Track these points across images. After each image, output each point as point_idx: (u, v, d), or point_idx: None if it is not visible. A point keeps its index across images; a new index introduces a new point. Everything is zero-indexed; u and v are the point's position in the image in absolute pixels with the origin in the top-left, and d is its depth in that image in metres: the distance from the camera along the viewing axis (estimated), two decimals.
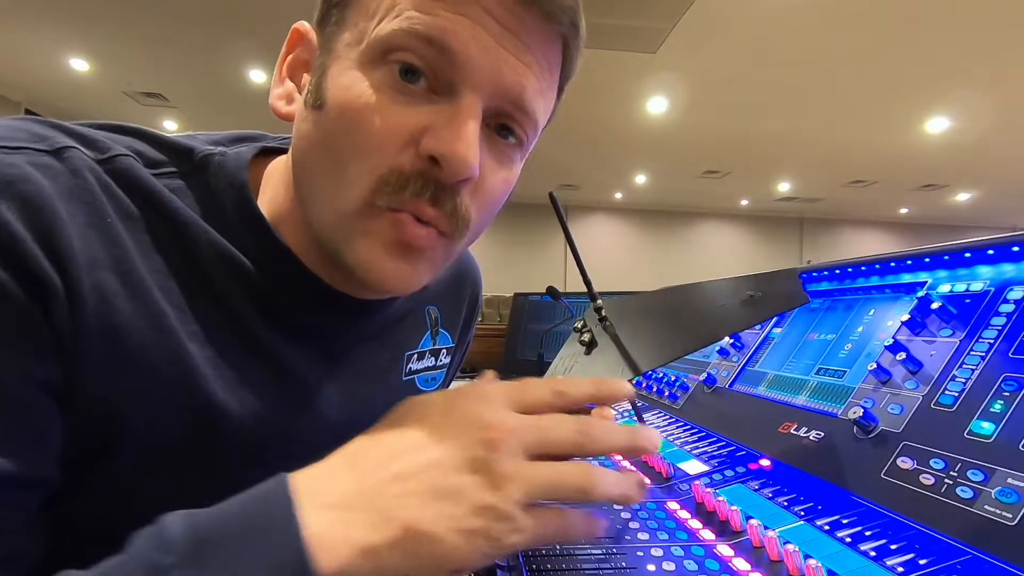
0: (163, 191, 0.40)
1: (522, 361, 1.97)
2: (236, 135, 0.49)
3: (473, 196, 0.40)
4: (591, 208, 10.06)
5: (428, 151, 0.36)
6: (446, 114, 0.36)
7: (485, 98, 0.37)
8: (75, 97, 5.98)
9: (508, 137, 0.41)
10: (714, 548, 0.48)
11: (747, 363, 0.85)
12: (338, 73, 0.38)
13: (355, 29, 0.38)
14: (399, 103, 0.36)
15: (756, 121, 6.02)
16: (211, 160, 0.44)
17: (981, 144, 6.36)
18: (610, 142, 6.67)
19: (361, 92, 0.36)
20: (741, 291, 0.52)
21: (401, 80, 0.36)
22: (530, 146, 0.43)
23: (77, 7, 4.18)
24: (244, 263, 0.42)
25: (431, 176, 0.37)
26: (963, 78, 4.85)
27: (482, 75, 0.36)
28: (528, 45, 0.38)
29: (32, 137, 0.36)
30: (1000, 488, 0.41)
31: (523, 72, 0.38)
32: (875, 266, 0.75)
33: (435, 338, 0.62)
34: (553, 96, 0.43)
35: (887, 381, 0.59)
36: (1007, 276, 0.57)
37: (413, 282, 0.42)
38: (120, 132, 0.43)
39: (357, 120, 0.36)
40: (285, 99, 0.43)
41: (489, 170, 0.40)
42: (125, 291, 0.36)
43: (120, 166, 0.39)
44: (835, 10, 3.91)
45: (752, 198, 9.57)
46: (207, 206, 0.42)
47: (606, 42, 4.28)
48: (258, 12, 4.16)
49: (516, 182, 0.45)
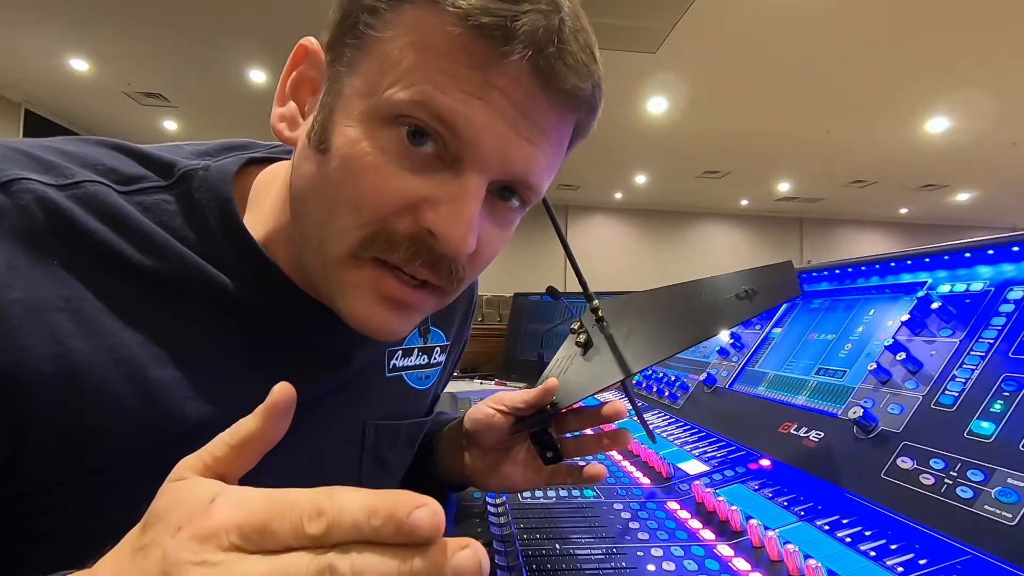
0: (132, 214, 0.39)
1: (522, 361, 1.97)
2: (224, 144, 0.48)
3: (470, 258, 0.40)
4: (591, 208, 10.07)
5: (427, 225, 0.36)
6: (449, 191, 0.36)
7: (491, 177, 0.37)
8: (75, 97, 5.98)
9: (511, 200, 0.41)
10: (714, 548, 0.48)
11: (747, 363, 0.85)
12: (346, 121, 0.37)
13: (366, 80, 0.36)
14: (402, 167, 0.36)
15: (756, 121, 6.03)
16: (194, 174, 0.43)
17: (981, 144, 6.37)
18: (610, 142, 6.67)
19: (367, 150, 0.36)
20: (736, 286, 0.52)
21: (408, 144, 0.36)
22: (532, 204, 0.43)
23: (77, 7, 4.18)
24: (222, 280, 0.42)
25: (426, 244, 0.37)
26: (963, 78, 4.85)
27: (490, 159, 0.36)
28: (542, 128, 0.37)
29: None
30: (1000, 488, 0.41)
31: (533, 155, 0.38)
32: (875, 266, 0.75)
33: (425, 336, 0.61)
34: (561, 162, 0.43)
35: (887, 381, 0.59)
36: (1007, 276, 0.57)
37: (401, 332, 0.42)
38: (99, 146, 0.42)
39: (359, 178, 0.36)
40: (288, 122, 0.42)
41: (488, 234, 0.40)
42: (79, 330, 0.36)
43: (85, 192, 0.38)
44: (835, 10, 3.92)
45: (752, 198, 9.57)
46: (190, 220, 0.42)
47: (606, 42, 4.28)
48: (258, 12, 4.17)
49: None
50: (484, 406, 0.58)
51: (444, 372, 0.67)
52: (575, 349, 0.57)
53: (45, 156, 0.38)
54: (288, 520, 0.20)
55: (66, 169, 0.38)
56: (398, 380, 0.58)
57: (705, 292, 0.55)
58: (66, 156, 0.39)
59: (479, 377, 2.01)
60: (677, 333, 0.51)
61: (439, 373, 0.65)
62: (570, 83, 0.36)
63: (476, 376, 2.03)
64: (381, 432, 0.55)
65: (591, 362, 0.54)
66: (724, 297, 0.52)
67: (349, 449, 0.53)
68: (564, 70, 0.36)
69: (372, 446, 0.55)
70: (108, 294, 0.38)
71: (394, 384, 0.58)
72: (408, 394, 0.60)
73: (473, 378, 2.00)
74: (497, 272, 7.69)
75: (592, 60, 0.38)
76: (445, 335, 0.64)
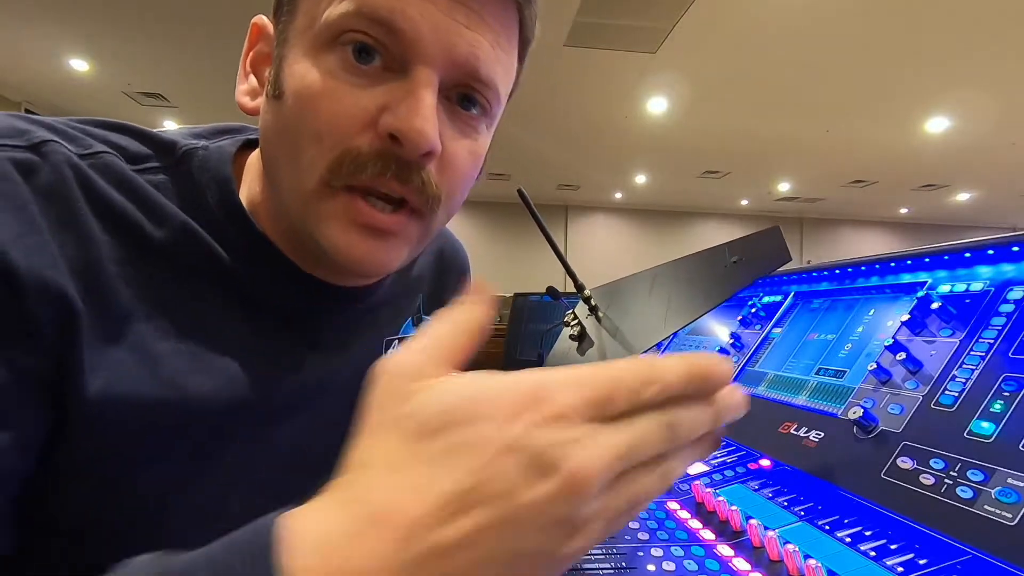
0: (145, 186, 0.40)
1: (522, 361, 1.97)
2: (217, 128, 0.49)
3: (440, 171, 0.40)
4: (591, 208, 10.06)
5: (386, 129, 0.36)
6: (401, 90, 0.36)
7: (440, 71, 0.37)
8: (75, 97, 5.98)
9: (471, 108, 0.41)
10: (714, 548, 0.48)
11: (747, 363, 0.85)
12: (293, 61, 0.38)
13: (306, 16, 0.38)
14: (354, 85, 0.36)
15: (756, 121, 6.02)
16: (194, 154, 0.44)
17: (981, 144, 6.36)
18: (610, 142, 6.67)
19: (315, 79, 0.37)
20: (725, 257, 0.51)
21: (354, 62, 0.36)
22: (496, 114, 0.43)
23: (77, 7, 4.18)
24: (223, 256, 0.42)
25: (392, 154, 0.37)
26: (963, 78, 4.85)
27: (433, 50, 0.36)
28: (480, 14, 0.38)
29: (11, 132, 0.37)
30: (1000, 488, 0.41)
31: (476, 42, 0.38)
32: (875, 266, 0.75)
33: (417, 325, 0.61)
34: (513, 62, 0.43)
35: (887, 381, 0.59)
36: (1007, 276, 0.57)
37: (387, 262, 0.41)
38: (105, 128, 0.43)
39: (313, 107, 0.37)
40: (250, 95, 0.44)
41: (452, 141, 0.40)
42: (89, 296, 0.36)
43: (103, 162, 0.39)
44: (835, 10, 3.91)
45: (752, 198, 9.56)
46: (190, 200, 0.43)
47: (606, 42, 4.28)
48: (258, 12, 4.16)
49: (486, 154, 0.45)
50: None
51: None
52: (570, 343, 0.57)
53: (63, 127, 0.40)
54: (624, 390, 0.22)
55: (84, 140, 0.40)
56: None
57: (694, 267, 0.54)
58: (79, 131, 0.41)
59: None
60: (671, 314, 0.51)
61: None
62: None
63: None
64: None
65: (586, 357, 0.54)
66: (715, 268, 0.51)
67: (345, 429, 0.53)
68: None
69: None
70: (123, 263, 0.38)
71: None
72: None
73: None
74: (497, 272, 7.69)
75: None
76: None
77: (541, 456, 0.20)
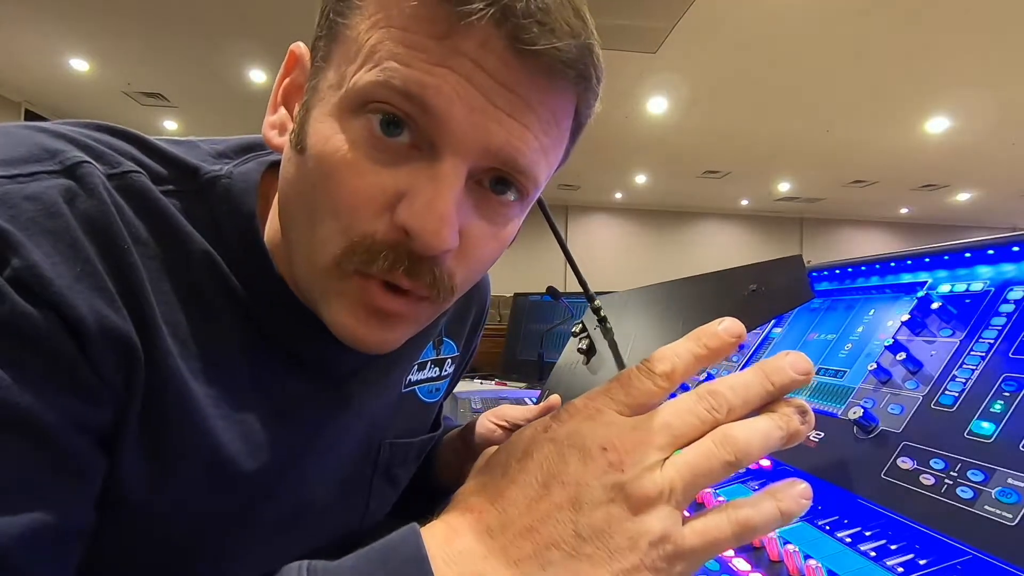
0: (175, 214, 0.38)
1: (522, 361, 1.97)
2: (242, 143, 0.46)
3: (459, 258, 0.36)
4: (591, 208, 10.06)
5: (401, 223, 0.33)
6: (424, 177, 0.33)
7: (470, 161, 0.33)
8: (75, 97, 5.98)
9: (505, 192, 0.36)
10: None
11: (747, 363, 0.85)
12: (319, 118, 0.35)
13: (337, 71, 0.34)
14: (377, 161, 0.33)
15: (756, 121, 6.02)
16: (217, 182, 0.41)
17: (981, 144, 6.36)
18: (610, 142, 6.67)
19: (339, 146, 0.33)
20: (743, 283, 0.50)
21: (380, 134, 0.33)
22: (533, 198, 0.39)
23: (77, 7, 4.18)
24: (245, 296, 0.40)
25: (405, 248, 0.34)
26: (963, 78, 4.85)
27: (465, 137, 0.32)
28: (527, 101, 0.33)
29: (42, 154, 0.34)
30: (1000, 488, 0.41)
31: (518, 133, 0.33)
32: (875, 266, 0.75)
33: (438, 348, 0.60)
34: (562, 147, 0.38)
35: (887, 381, 0.59)
36: (1007, 276, 0.57)
37: (391, 342, 0.39)
38: (120, 138, 0.40)
39: (333, 177, 0.33)
40: (278, 128, 0.40)
41: (478, 229, 0.36)
42: (142, 335, 0.34)
43: (131, 183, 0.37)
44: (835, 10, 3.91)
45: (752, 198, 9.57)
46: (207, 231, 0.40)
47: (606, 42, 4.19)
48: (258, 12, 4.16)
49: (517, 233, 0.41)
50: (486, 420, 0.57)
51: (452, 383, 0.65)
52: (577, 356, 0.57)
53: (86, 141, 0.36)
54: (689, 420, 0.30)
55: (110, 157, 0.37)
56: (411, 395, 0.57)
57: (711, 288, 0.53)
58: (102, 143, 0.37)
59: (479, 377, 2.01)
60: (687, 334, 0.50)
61: (447, 384, 0.63)
62: (545, 43, 0.31)
63: (476, 376, 2.03)
64: (396, 450, 0.54)
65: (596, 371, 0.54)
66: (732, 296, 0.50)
67: (360, 467, 0.52)
68: (537, 29, 0.31)
69: (385, 464, 0.54)
70: (157, 292, 0.36)
71: (408, 400, 0.56)
72: (420, 409, 0.58)
73: (473, 378, 2.00)
74: (497, 272, 7.65)
75: (575, 18, 0.33)
76: (456, 345, 0.63)
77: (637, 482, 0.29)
